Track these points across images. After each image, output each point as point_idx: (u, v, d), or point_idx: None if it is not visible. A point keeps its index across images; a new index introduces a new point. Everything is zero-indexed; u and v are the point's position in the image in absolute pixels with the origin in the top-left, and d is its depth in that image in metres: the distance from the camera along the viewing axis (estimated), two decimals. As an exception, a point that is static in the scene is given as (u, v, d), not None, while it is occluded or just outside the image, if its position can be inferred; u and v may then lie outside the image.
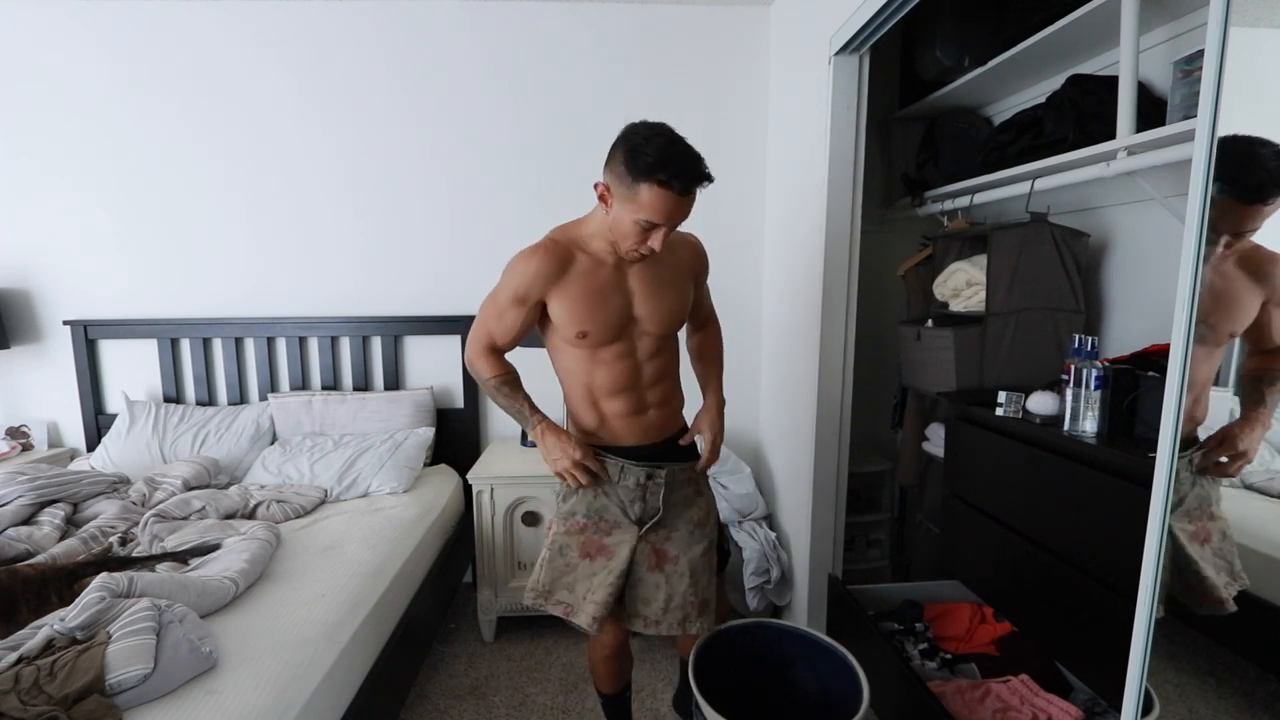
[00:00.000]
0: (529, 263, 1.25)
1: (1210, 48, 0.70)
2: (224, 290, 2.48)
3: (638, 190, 1.14)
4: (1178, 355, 0.75)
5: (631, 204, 1.16)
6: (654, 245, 1.20)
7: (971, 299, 1.85)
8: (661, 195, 1.13)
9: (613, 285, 1.28)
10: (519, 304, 1.27)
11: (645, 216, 1.16)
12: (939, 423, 2.11)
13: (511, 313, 1.29)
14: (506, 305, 1.28)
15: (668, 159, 1.13)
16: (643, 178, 1.13)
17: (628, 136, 1.18)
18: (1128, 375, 1.34)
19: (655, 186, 1.13)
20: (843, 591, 1.93)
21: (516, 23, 2.39)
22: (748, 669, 1.40)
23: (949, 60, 1.94)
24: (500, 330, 1.31)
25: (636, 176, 1.13)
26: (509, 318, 1.29)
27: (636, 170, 1.13)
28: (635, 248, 1.21)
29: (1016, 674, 1.46)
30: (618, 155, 1.17)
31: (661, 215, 1.16)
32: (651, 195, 1.13)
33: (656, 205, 1.14)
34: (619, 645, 1.45)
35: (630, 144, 1.15)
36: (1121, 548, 1.15)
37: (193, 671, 1.11)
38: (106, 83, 2.36)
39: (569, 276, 1.26)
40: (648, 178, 1.12)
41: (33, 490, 1.77)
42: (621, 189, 1.16)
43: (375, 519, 1.89)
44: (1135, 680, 0.81)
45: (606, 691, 1.55)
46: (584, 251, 1.28)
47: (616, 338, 1.30)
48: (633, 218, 1.17)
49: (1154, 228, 1.59)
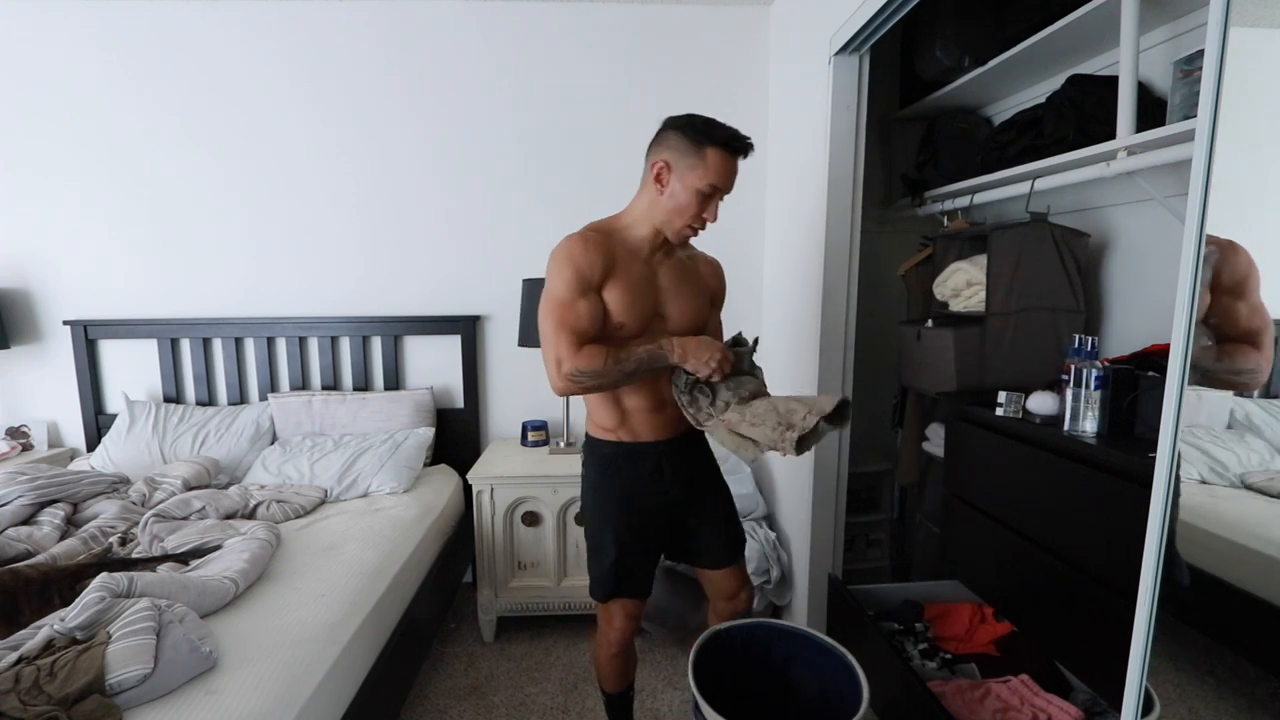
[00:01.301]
0: (584, 250, 1.24)
1: (1210, 48, 0.70)
2: (224, 290, 2.48)
3: (704, 155, 1.21)
4: (1178, 355, 0.75)
5: (695, 171, 1.22)
6: (710, 216, 1.25)
7: (971, 299, 1.85)
8: (725, 157, 1.22)
9: (647, 280, 1.31)
10: (585, 292, 1.24)
11: (710, 180, 1.22)
12: (939, 423, 2.11)
13: (582, 303, 1.24)
14: (575, 298, 1.23)
15: (722, 126, 1.23)
16: (708, 141, 1.21)
17: (673, 119, 1.27)
18: (1128, 375, 1.34)
19: (720, 149, 1.21)
20: (843, 591, 1.93)
21: (516, 22, 2.39)
22: (748, 669, 1.40)
23: (949, 60, 1.94)
24: (581, 322, 1.24)
25: (701, 142, 1.21)
26: (582, 308, 1.23)
27: (700, 136, 1.21)
28: (691, 222, 1.26)
29: (1016, 674, 1.46)
30: (671, 133, 1.25)
31: (724, 177, 1.23)
32: (717, 158, 1.21)
33: (721, 167, 1.22)
34: (625, 641, 1.46)
35: (688, 120, 1.24)
36: (1121, 548, 1.15)
37: (193, 671, 1.11)
38: (106, 83, 2.36)
39: (616, 266, 1.27)
40: (712, 141, 1.21)
41: (33, 490, 1.77)
42: (685, 159, 1.23)
43: (375, 519, 1.89)
44: (1135, 680, 0.81)
45: (610, 690, 1.56)
46: (622, 244, 1.30)
47: (644, 332, 1.32)
48: (696, 185, 1.22)
49: (1154, 228, 1.59)
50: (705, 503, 1.46)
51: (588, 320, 1.24)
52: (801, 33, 2.10)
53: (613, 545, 1.38)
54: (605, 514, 1.40)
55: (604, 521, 1.40)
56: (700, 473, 1.47)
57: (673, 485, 1.40)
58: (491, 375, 2.58)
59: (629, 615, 1.44)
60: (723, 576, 1.49)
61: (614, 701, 1.58)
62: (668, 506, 1.41)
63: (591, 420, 1.43)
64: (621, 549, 1.38)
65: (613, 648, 1.47)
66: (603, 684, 1.56)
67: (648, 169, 1.29)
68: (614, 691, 1.56)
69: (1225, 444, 0.99)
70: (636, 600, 1.43)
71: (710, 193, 1.24)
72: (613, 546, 1.38)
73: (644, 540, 1.41)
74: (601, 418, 1.39)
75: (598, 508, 1.42)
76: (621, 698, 1.58)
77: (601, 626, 1.48)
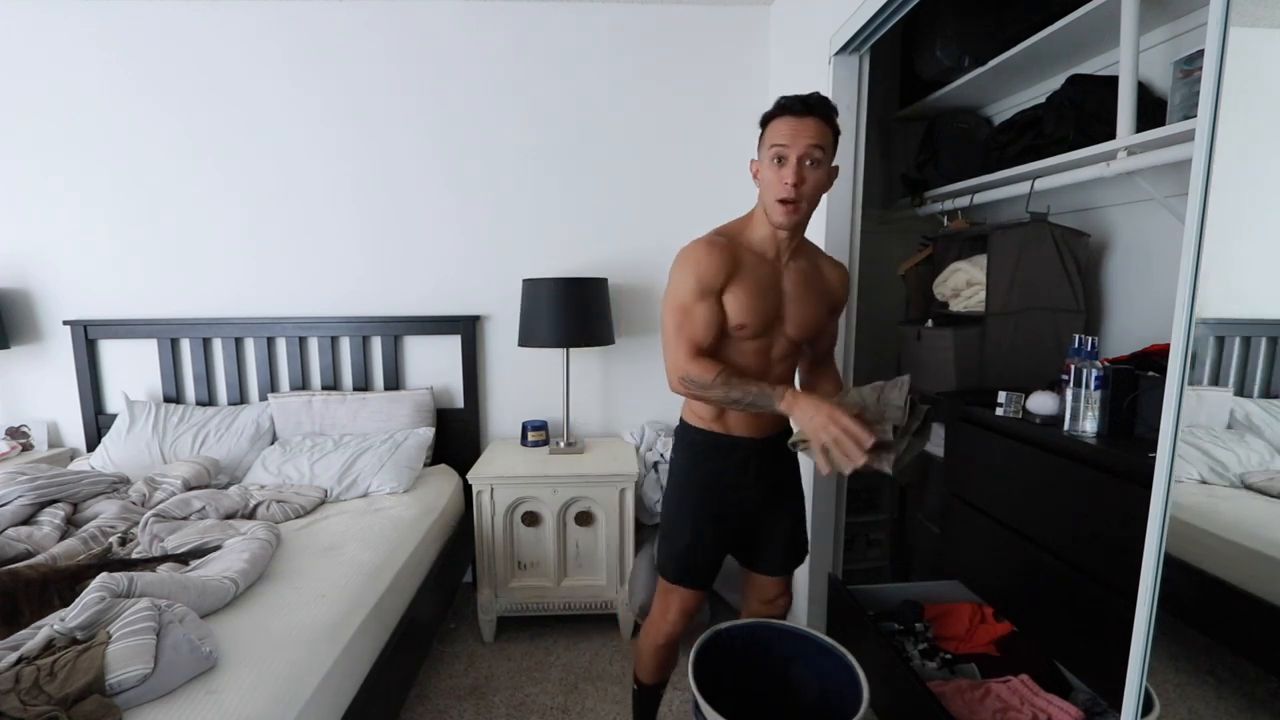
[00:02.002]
0: (707, 256, 1.27)
1: (1210, 48, 0.70)
2: (224, 290, 2.48)
3: (766, 131, 1.28)
4: (1178, 355, 0.75)
5: (763, 147, 1.28)
6: (787, 178, 1.23)
7: (971, 299, 1.85)
8: (782, 120, 1.25)
9: (770, 282, 1.32)
10: (704, 297, 1.28)
11: (772, 142, 1.25)
12: (939, 423, 2.11)
13: (700, 307, 1.28)
14: (693, 302, 1.28)
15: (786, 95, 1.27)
16: (768, 118, 1.28)
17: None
18: (1127, 375, 1.34)
19: (775, 117, 1.26)
20: (843, 591, 1.93)
21: (516, 22, 2.39)
22: (748, 669, 1.40)
23: (949, 60, 1.94)
24: (698, 329, 1.28)
25: (763, 121, 1.29)
26: (699, 313, 1.28)
27: (763, 118, 1.29)
28: (777, 195, 1.25)
29: (1016, 674, 1.46)
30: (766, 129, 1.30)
31: (783, 135, 1.23)
32: (774, 125, 1.26)
33: (779, 129, 1.24)
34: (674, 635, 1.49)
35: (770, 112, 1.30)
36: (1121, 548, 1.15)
37: (193, 671, 1.11)
38: (106, 82, 2.36)
39: (740, 270, 1.29)
40: (771, 115, 1.28)
41: (33, 490, 1.77)
42: (760, 145, 1.30)
43: (375, 519, 1.89)
44: (1135, 680, 0.81)
45: (644, 680, 1.58)
46: (747, 247, 1.32)
47: (763, 333, 1.33)
48: (766, 157, 1.27)
49: (1154, 228, 1.59)
50: (782, 508, 1.48)
51: (704, 325, 1.28)
52: (801, 33, 2.10)
53: (689, 531, 1.42)
54: (686, 499, 1.44)
55: (684, 507, 1.44)
56: (784, 476, 1.49)
57: (756, 482, 1.42)
58: (491, 375, 2.58)
59: (684, 610, 1.46)
60: (770, 583, 1.52)
61: (644, 694, 1.60)
62: (747, 503, 1.43)
63: (688, 406, 1.45)
64: (697, 535, 1.42)
65: (660, 638, 1.50)
66: (639, 673, 1.58)
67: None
68: (648, 683, 1.58)
69: (1225, 444, 0.99)
70: (696, 593, 1.45)
71: (778, 156, 1.25)
72: (689, 532, 1.42)
73: (718, 532, 1.44)
74: (699, 406, 1.41)
75: (682, 492, 1.45)
76: (653, 692, 1.60)
77: (655, 615, 1.51)
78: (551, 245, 2.52)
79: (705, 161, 2.50)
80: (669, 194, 2.52)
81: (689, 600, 1.46)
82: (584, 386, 2.58)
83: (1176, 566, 0.79)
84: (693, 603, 1.46)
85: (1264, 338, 0.97)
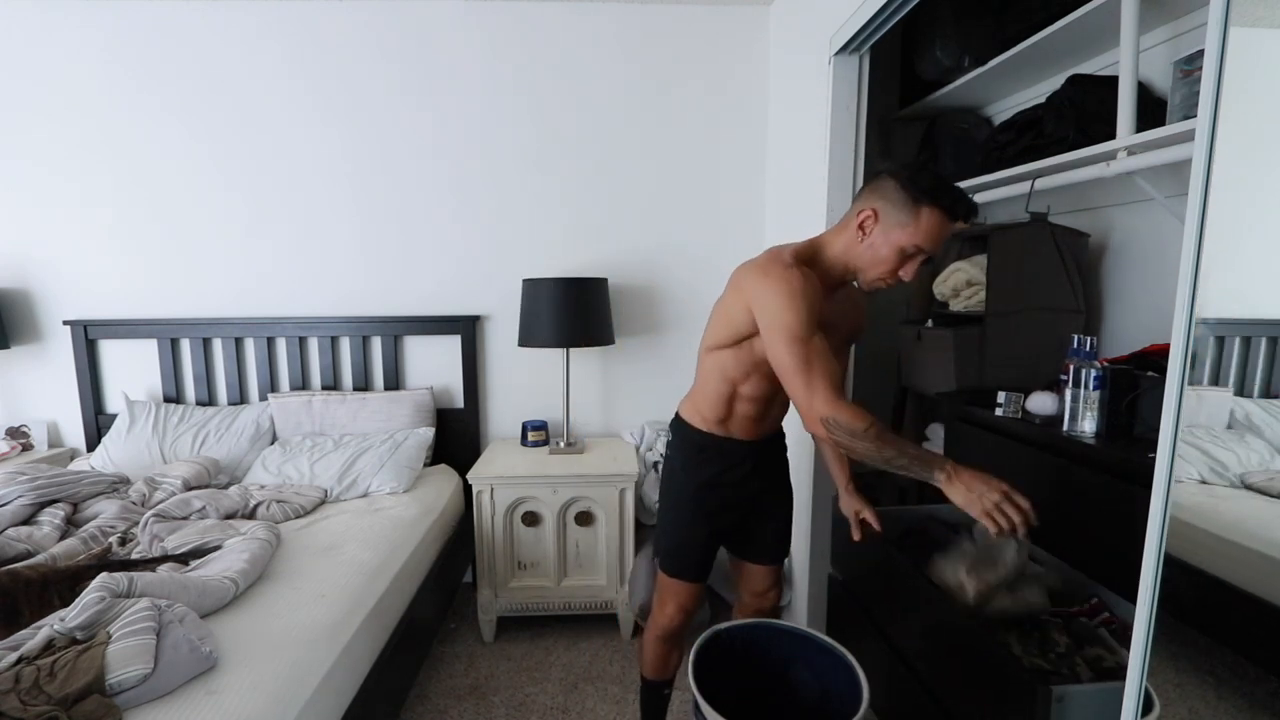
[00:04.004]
0: (807, 286, 1.18)
1: (1210, 48, 0.70)
2: (224, 290, 2.48)
3: (918, 213, 1.13)
4: (1177, 355, 0.75)
5: (904, 229, 1.14)
6: (906, 276, 1.18)
7: (971, 299, 1.85)
8: (940, 220, 1.13)
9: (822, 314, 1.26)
10: (816, 329, 1.18)
11: (918, 242, 1.14)
12: (939, 423, 2.11)
13: (819, 340, 1.17)
14: (811, 334, 1.16)
15: (946, 186, 1.14)
16: (925, 199, 1.12)
17: (895, 169, 1.18)
18: (1127, 375, 1.34)
19: (937, 210, 1.12)
20: (842, 592, 1.93)
21: (517, 23, 2.39)
22: (748, 669, 1.40)
23: (949, 60, 1.94)
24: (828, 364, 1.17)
25: (919, 198, 1.12)
26: (820, 346, 1.17)
27: (919, 191, 1.13)
28: (885, 276, 1.19)
29: (1016, 674, 1.46)
30: (889, 182, 1.16)
31: (933, 240, 1.15)
32: (931, 218, 1.13)
33: (933, 229, 1.14)
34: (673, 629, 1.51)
35: (904, 174, 1.15)
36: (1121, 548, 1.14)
37: (193, 671, 1.11)
38: (106, 83, 2.36)
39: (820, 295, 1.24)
40: (931, 200, 1.12)
41: (33, 490, 1.77)
42: (895, 213, 1.15)
43: (375, 519, 1.89)
44: (1135, 680, 0.81)
45: (646, 675, 1.61)
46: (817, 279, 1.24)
47: None
48: (900, 243, 1.15)
49: (1154, 228, 1.59)
50: (776, 501, 1.52)
51: (826, 353, 1.17)
52: (801, 33, 2.10)
53: (685, 526, 1.45)
54: (684, 497, 1.46)
55: (680, 504, 1.46)
56: (778, 472, 1.53)
57: (752, 480, 1.45)
58: (491, 375, 2.58)
59: (680, 605, 1.49)
60: (761, 574, 1.54)
61: (648, 689, 1.62)
62: (742, 499, 1.46)
63: (694, 407, 1.45)
64: (692, 531, 1.44)
65: (658, 630, 1.53)
66: (641, 667, 1.61)
67: (853, 213, 1.22)
68: (650, 677, 1.60)
69: (1225, 444, 0.99)
70: (692, 587, 1.48)
71: (914, 253, 1.16)
72: (685, 527, 1.45)
73: (713, 527, 1.46)
74: (706, 409, 1.41)
75: (678, 489, 1.47)
76: (656, 689, 1.62)
77: (655, 609, 1.55)
78: (551, 245, 2.52)
79: (705, 161, 2.50)
80: (669, 194, 2.52)
81: (685, 594, 1.48)
82: (584, 386, 2.58)
83: (1176, 566, 0.79)
84: (689, 597, 1.49)
85: (1264, 338, 0.97)
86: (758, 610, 1.55)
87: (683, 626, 1.53)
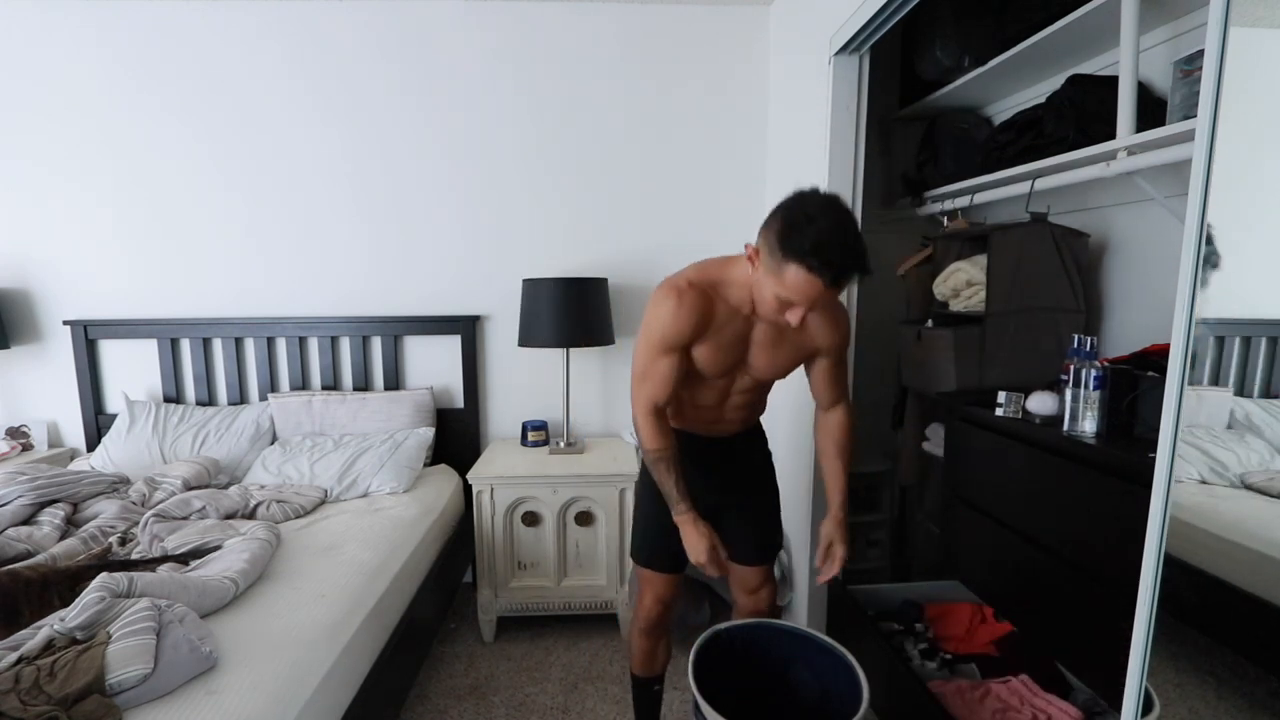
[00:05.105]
0: (677, 314, 1.23)
1: (1210, 48, 0.70)
2: (224, 290, 2.48)
3: (785, 268, 1.07)
4: (1177, 355, 0.75)
5: (775, 277, 1.10)
6: (791, 320, 1.14)
7: (971, 299, 1.85)
8: (808, 281, 1.06)
9: (739, 335, 1.29)
10: (669, 352, 1.27)
11: (787, 295, 1.10)
12: (939, 423, 2.11)
13: (664, 361, 1.27)
14: (658, 354, 1.27)
15: (824, 245, 1.04)
16: (792, 258, 1.05)
17: (790, 207, 1.09)
18: (1127, 375, 1.34)
19: (803, 270, 1.05)
20: (842, 591, 1.93)
21: (516, 22, 2.39)
22: (748, 669, 1.40)
23: (949, 60, 1.94)
24: (658, 386, 1.29)
25: (786, 254, 1.06)
26: (662, 368, 1.28)
27: (788, 248, 1.05)
28: (770, 316, 1.19)
29: (1016, 674, 1.46)
30: (774, 224, 1.10)
31: (803, 297, 1.09)
32: (797, 277, 1.06)
33: (800, 289, 1.08)
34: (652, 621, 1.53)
35: (790, 217, 1.07)
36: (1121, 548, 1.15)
37: (193, 671, 1.11)
38: (106, 83, 2.36)
39: (710, 325, 1.26)
40: (798, 259, 1.05)
41: (33, 490, 1.77)
42: (769, 260, 1.10)
43: (375, 519, 1.89)
44: (1135, 680, 0.81)
45: (634, 670, 1.62)
46: (723, 300, 1.26)
47: (723, 376, 1.35)
48: (775, 290, 1.11)
49: (1154, 228, 1.59)
50: (747, 501, 1.52)
51: (664, 381, 1.29)
52: (801, 33, 2.10)
53: (653, 517, 1.46)
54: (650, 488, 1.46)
55: (648, 494, 1.48)
56: (753, 466, 1.54)
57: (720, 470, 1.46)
58: (491, 375, 2.58)
59: (658, 597, 1.51)
60: (748, 573, 1.54)
61: (637, 685, 1.63)
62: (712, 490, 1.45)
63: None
64: (658, 521, 1.44)
65: (639, 623, 1.55)
66: (630, 662, 1.63)
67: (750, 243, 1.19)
68: (637, 673, 1.61)
69: (1225, 444, 0.99)
70: (666, 578, 1.49)
71: (790, 302, 1.12)
72: (653, 518, 1.46)
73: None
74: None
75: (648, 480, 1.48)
76: (645, 685, 1.62)
77: (636, 602, 1.58)
78: (551, 245, 2.52)
79: (705, 161, 2.50)
80: (669, 194, 2.52)
81: (658, 584, 1.50)
82: (584, 386, 2.58)
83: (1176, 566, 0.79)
84: (663, 586, 1.50)
85: (1264, 338, 0.97)
86: (755, 610, 1.55)
87: (661, 618, 1.54)
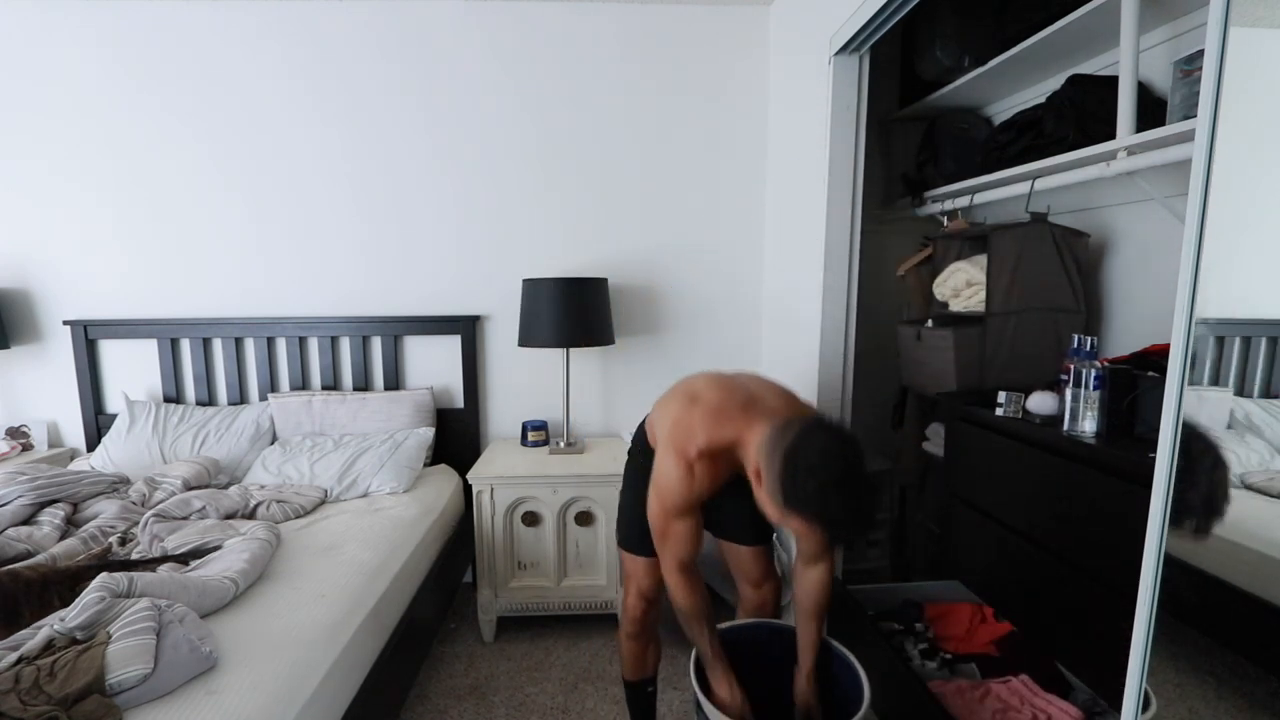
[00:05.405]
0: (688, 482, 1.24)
1: (1210, 48, 0.70)
2: (224, 290, 2.48)
3: (789, 514, 1.07)
4: (1177, 355, 0.75)
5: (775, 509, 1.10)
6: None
7: (971, 299, 1.85)
8: (808, 529, 1.07)
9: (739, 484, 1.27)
10: (685, 515, 1.27)
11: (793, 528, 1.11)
12: (939, 423, 2.11)
13: (681, 524, 1.27)
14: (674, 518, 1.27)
15: (827, 503, 1.03)
16: (796, 507, 1.05)
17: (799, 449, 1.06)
18: (1127, 375, 1.34)
19: (805, 520, 1.06)
20: (843, 591, 1.93)
21: (516, 23, 2.39)
22: (747, 669, 1.40)
23: (949, 60, 1.94)
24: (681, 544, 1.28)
25: (789, 502, 1.05)
26: (680, 528, 1.27)
27: (791, 496, 1.05)
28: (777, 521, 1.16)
29: (1016, 674, 1.46)
30: (777, 457, 1.07)
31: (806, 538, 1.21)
32: (798, 524, 1.07)
33: (802, 530, 1.10)
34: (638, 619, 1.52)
35: (795, 462, 1.05)
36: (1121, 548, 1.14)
37: (193, 671, 1.11)
38: (107, 82, 2.36)
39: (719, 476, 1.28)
40: (802, 510, 1.05)
41: (33, 490, 1.77)
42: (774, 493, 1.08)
43: (375, 519, 1.89)
44: (1135, 680, 0.81)
45: (625, 677, 1.61)
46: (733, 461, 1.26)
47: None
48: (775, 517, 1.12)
49: (1154, 228, 1.59)
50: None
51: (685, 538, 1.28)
52: (801, 33, 2.10)
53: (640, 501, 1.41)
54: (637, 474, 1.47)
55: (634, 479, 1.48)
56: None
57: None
58: (491, 375, 2.58)
59: (641, 592, 1.50)
60: (748, 557, 1.52)
61: (630, 690, 1.62)
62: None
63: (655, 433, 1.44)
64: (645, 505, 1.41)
65: (625, 625, 1.55)
66: (621, 668, 1.62)
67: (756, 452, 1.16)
68: (628, 679, 1.60)
69: (1225, 444, 0.99)
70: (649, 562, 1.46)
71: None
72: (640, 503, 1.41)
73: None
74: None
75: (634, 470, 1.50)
76: (637, 689, 1.61)
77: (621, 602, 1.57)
78: (551, 245, 2.52)
79: (705, 161, 2.50)
80: (669, 194, 2.52)
81: (641, 573, 1.49)
82: (584, 386, 2.58)
83: (1176, 566, 0.79)
84: (648, 577, 1.49)
85: (1264, 338, 0.97)
86: (759, 606, 1.54)
87: (645, 616, 1.53)
